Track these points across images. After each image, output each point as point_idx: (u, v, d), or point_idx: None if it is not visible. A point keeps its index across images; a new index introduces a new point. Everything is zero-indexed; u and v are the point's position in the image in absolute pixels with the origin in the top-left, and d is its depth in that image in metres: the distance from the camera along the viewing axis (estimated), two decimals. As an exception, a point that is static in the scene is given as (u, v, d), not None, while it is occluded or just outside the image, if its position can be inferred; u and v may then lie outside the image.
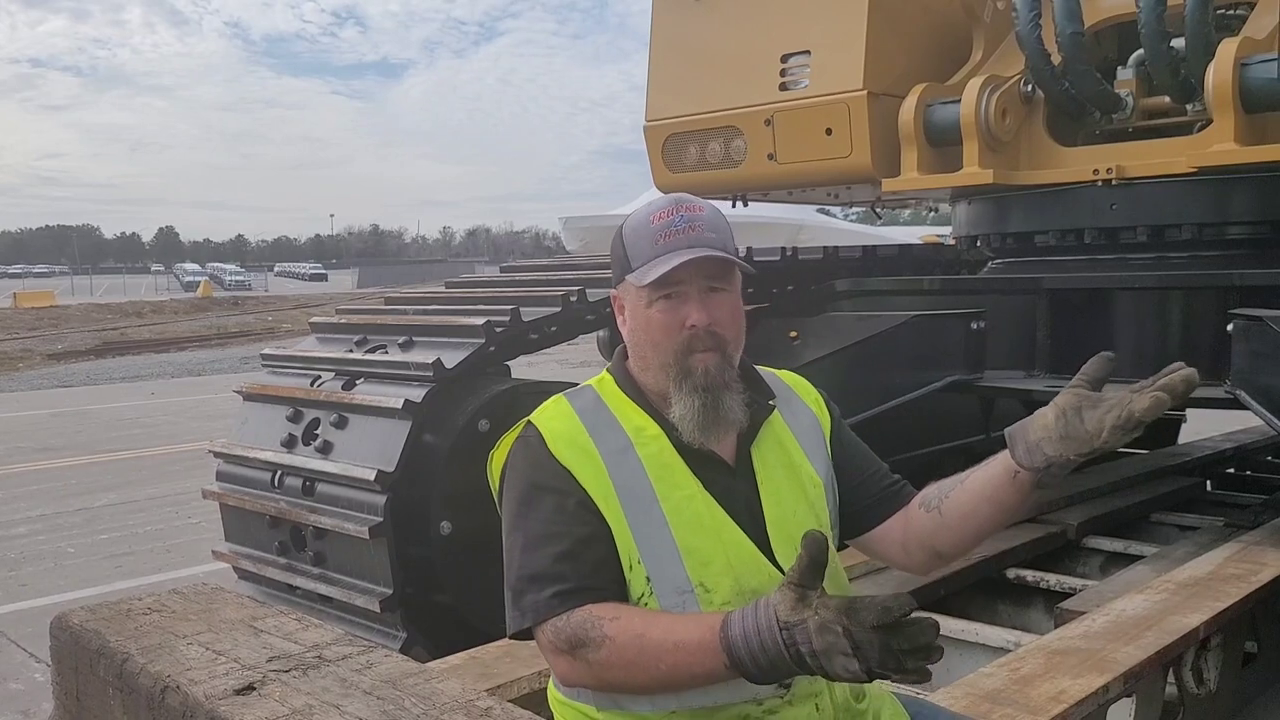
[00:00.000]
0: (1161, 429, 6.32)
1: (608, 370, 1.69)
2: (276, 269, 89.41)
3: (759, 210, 6.20)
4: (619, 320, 1.66)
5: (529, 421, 1.63)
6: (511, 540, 1.55)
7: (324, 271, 79.99)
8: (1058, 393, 3.93)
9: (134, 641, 1.83)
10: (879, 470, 1.78)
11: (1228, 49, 3.12)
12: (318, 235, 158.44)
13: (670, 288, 1.54)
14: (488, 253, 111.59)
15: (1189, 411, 5.96)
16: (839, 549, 1.76)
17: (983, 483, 1.59)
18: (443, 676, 1.66)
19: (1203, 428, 6.11)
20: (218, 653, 1.77)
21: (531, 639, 1.53)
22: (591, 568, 1.47)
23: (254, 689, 1.61)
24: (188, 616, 1.97)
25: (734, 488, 1.58)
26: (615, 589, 1.49)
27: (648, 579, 1.48)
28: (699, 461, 1.57)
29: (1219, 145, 3.17)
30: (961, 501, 1.63)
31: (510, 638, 1.56)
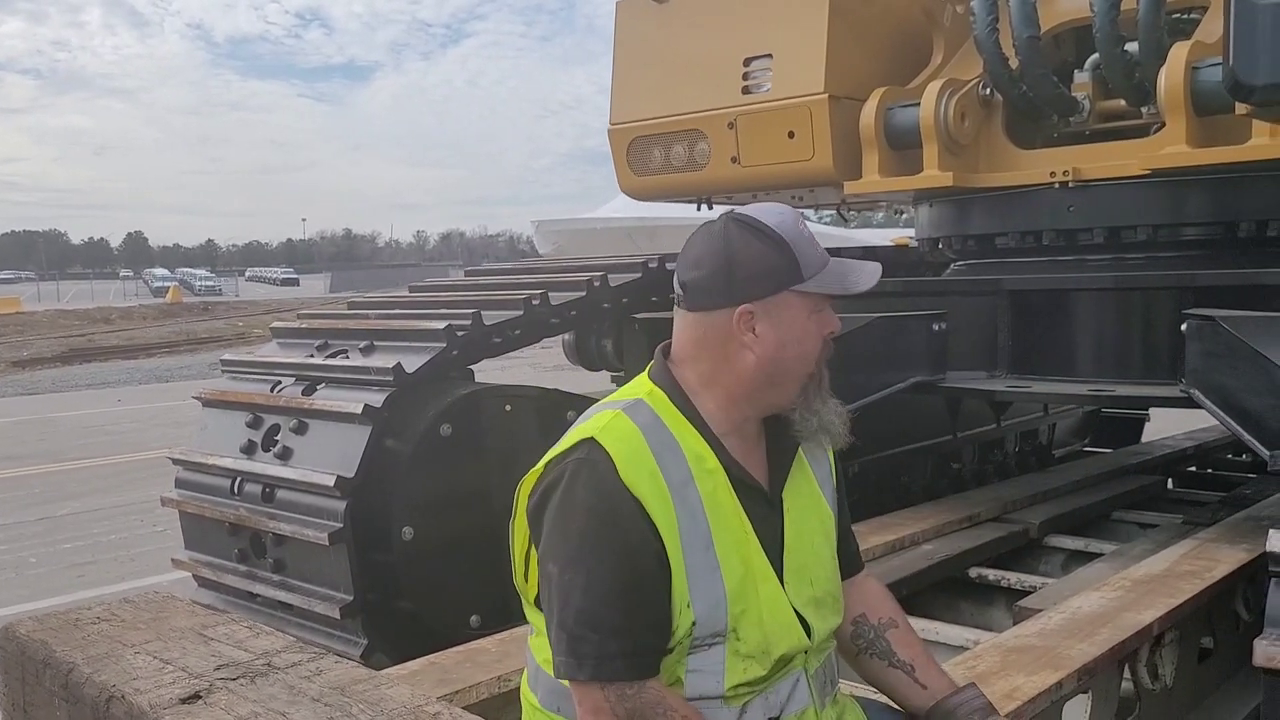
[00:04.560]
0: (1125, 428, 6.40)
1: (651, 380, 1.57)
2: (248, 274, 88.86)
3: None
4: (743, 339, 1.50)
5: (592, 439, 1.46)
6: (570, 575, 1.41)
7: (296, 276, 79.52)
8: (1019, 393, 3.92)
9: (80, 651, 1.82)
10: (848, 535, 1.77)
11: (1179, 53, 3.16)
12: (289, 240, 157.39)
13: (832, 299, 1.55)
14: (462, 256, 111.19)
15: (1153, 410, 6.05)
16: None
17: (890, 693, 1.70)
18: (391, 683, 1.66)
19: (1166, 426, 6.18)
20: (165, 661, 1.76)
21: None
22: (657, 628, 1.42)
23: (200, 697, 1.60)
24: (137, 625, 1.95)
25: (770, 520, 1.55)
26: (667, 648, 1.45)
27: (693, 623, 1.43)
28: (748, 496, 1.52)
29: (1171, 148, 3.21)
30: (870, 671, 1.72)
31: (558, 677, 1.47)
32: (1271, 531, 1.75)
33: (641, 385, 1.57)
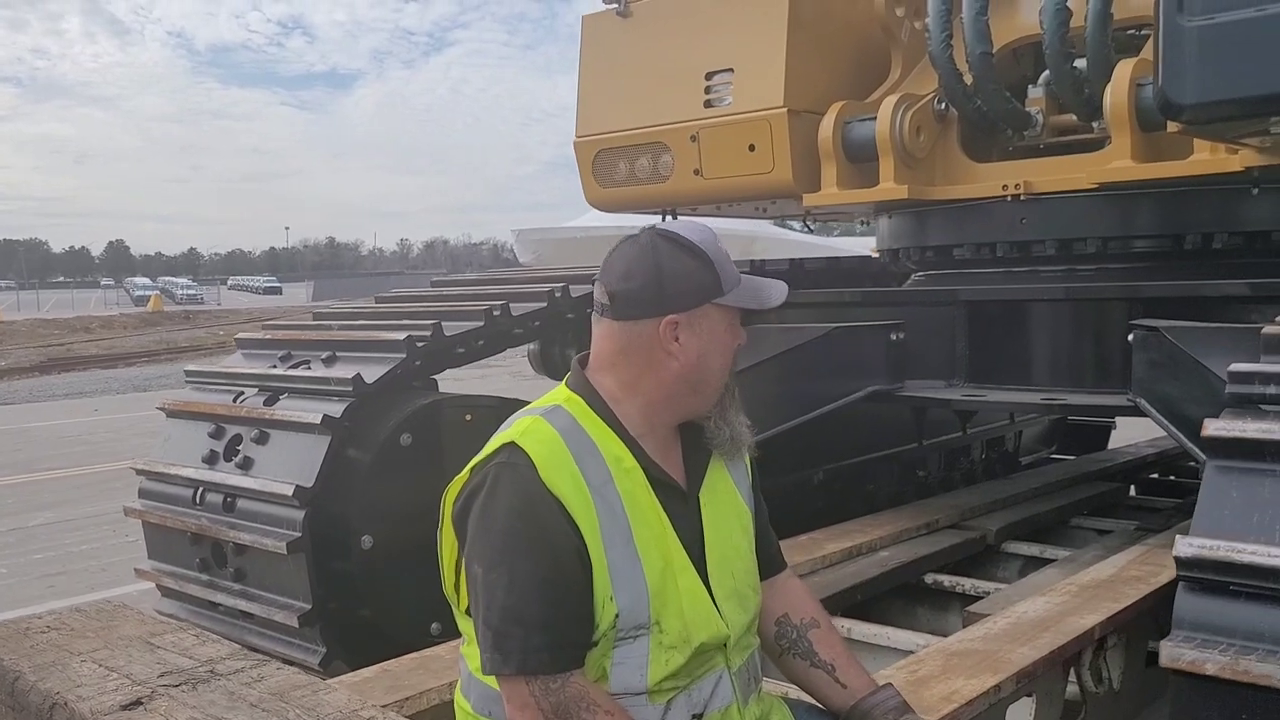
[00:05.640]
0: (1091, 435, 6.48)
1: (569, 388, 1.63)
2: (230, 282, 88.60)
3: (714, 222, 6.27)
4: (669, 348, 1.57)
5: (513, 444, 1.52)
6: (495, 574, 1.47)
7: (278, 284, 79.29)
8: (974, 401, 3.96)
9: (27, 660, 1.85)
10: (767, 534, 1.83)
11: (1124, 69, 3.23)
12: (272, 248, 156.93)
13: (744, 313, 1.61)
14: (446, 264, 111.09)
15: (1121, 417, 6.13)
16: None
17: (812, 692, 1.76)
18: (330, 688, 1.70)
19: (1133, 434, 6.26)
20: (110, 669, 1.79)
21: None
22: (579, 621, 1.47)
23: (141, 704, 1.64)
24: (85, 634, 1.98)
25: (689, 518, 1.61)
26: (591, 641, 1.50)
27: (616, 615, 1.48)
28: (665, 493, 1.59)
29: (1117, 162, 3.27)
30: (793, 671, 1.77)
31: (484, 674, 1.53)
32: (1178, 537, 1.81)
33: (560, 393, 1.64)
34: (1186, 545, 1.78)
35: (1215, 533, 1.78)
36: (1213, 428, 1.92)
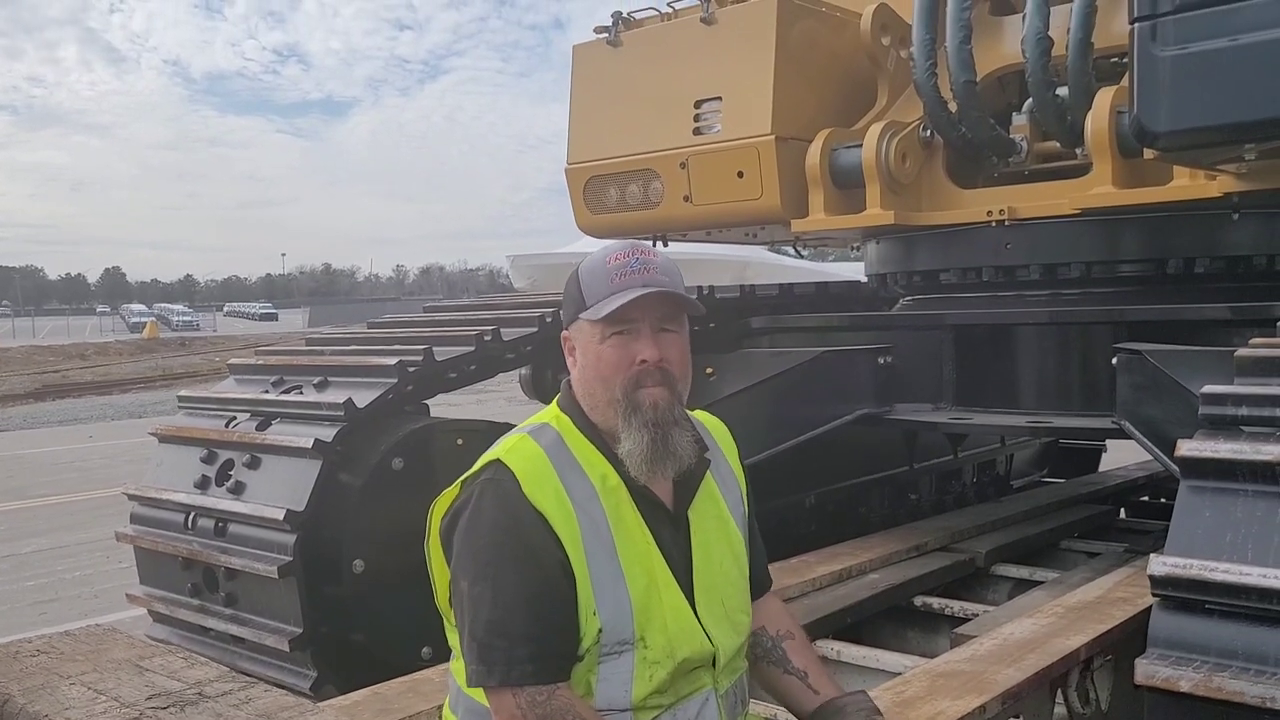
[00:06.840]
0: (1082, 458, 6.50)
1: (559, 407, 1.68)
2: (226, 309, 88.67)
3: (708, 248, 6.32)
4: (569, 361, 1.68)
5: (498, 461, 1.57)
6: (479, 588, 1.50)
7: (274, 311, 79.35)
8: (961, 424, 3.98)
9: (17, 683, 1.86)
10: (758, 555, 1.85)
11: (1104, 97, 3.29)
12: (269, 275, 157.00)
13: (623, 324, 1.58)
14: (442, 290, 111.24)
15: (1112, 440, 6.15)
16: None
17: (784, 699, 1.79)
18: (318, 710, 1.71)
19: (1124, 456, 6.27)
20: (99, 692, 1.80)
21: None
22: (563, 634, 1.49)
23: (128, 726, 1.65)
24: (75, 657, 1.99)
25: (674, 538, 1.63)
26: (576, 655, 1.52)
27: (600, 630, 1.51)
28: (651, 511, 1.61)
29: (1099, 188, 3.33)
30: (766, 677, 1.80)
31: (470, 686, 1.55)
32: (1153, 556, 1.84)
33: (549, 412, 1.69)
34: (1160, 564, 1.80)
35: (1189, 552, 1.80)
36: (1185, 448, 1.95)
